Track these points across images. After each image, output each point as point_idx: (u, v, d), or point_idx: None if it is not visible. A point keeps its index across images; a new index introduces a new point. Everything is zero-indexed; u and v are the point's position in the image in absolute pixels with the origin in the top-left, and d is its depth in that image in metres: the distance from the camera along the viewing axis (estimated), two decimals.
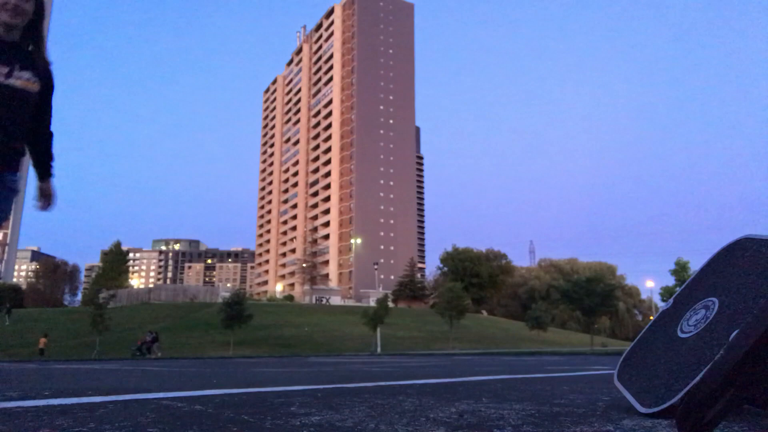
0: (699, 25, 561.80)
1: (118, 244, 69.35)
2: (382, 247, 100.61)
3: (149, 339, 31.43)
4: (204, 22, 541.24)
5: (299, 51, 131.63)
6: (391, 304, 46.42)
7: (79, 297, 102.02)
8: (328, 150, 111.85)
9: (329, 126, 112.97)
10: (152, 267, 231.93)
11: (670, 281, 41.32)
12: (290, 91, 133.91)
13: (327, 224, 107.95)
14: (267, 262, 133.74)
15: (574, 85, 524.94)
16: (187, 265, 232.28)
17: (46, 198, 2.60)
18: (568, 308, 61.26)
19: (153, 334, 31.90)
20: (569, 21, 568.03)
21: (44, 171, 2.63)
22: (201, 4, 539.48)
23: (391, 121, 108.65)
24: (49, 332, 35.52)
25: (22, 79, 2.45)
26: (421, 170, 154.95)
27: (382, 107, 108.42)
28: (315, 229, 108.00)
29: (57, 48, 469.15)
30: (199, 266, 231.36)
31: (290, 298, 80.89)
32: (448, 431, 0.85)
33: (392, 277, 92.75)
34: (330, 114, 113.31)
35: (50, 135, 2.66)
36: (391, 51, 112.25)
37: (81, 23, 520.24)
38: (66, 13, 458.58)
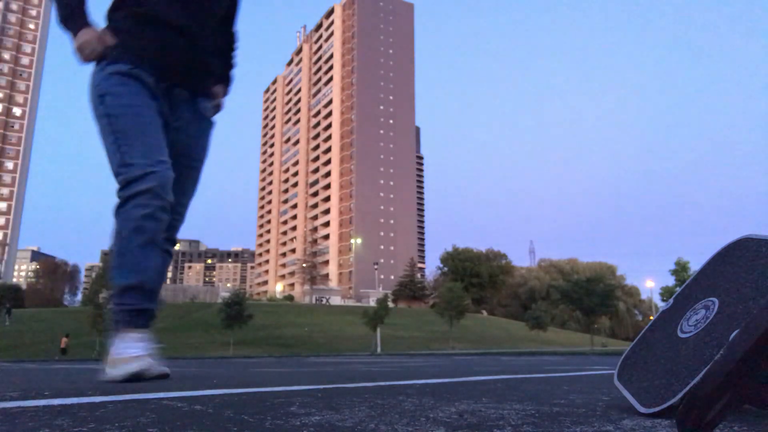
0: (699, 26, 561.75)
1: None
2: (382, 247, 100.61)
3: None
4: None
5: (299, 51, 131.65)
6: (391, 304, 46.43)
7: (79, 297, 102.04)
8: (328, 150, 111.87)
9: (329, 126, 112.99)
10: None
11: (670, 281, 41.32)
12: (290, 91, 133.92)
13: (327, 224, 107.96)
14: (267, 262, 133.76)
15: (574, 85, 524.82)
16: (187, 265, 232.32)
17: (216, 109, 2.18)
18: (568, 308, 61.26)
19: None
20: (569, 21, 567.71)
21: (226, 88, 2.22)
22: None
23: (391, 121, 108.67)
24: (49, 332, 35.57)
25: None
26: (421, 170, 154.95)
27: (382, 107, 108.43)
28: (315, 229, 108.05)
29: (57, 48, 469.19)
30: (199, 266, 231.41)
31: (290, 298, 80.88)
32: (448, 431, 0.86)
33: (392, 277, 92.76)
34: (330, 114, 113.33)
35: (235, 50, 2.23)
36: (391, 51, 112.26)
37: None
38: None
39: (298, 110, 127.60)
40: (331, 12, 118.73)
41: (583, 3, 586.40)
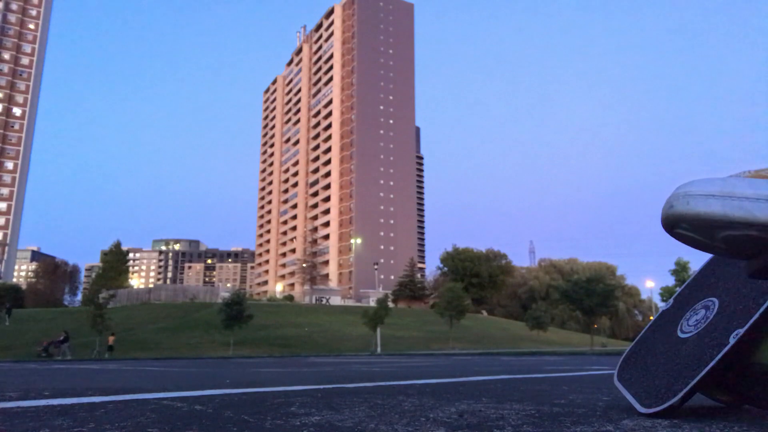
0: (699, 27, 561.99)
1: (118, 244, 69.30)
2: (382, 247, 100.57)
3: (60, 339, 31.15)
4: (204, 22, 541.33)
5: (299, 51, 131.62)
6: (391, 304, 46.41)
7: (79, 297, 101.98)
8: (328, 150, 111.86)
9: (329, 126, 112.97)
10: (152, 267, 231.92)
11: (670, 281, 41.28)
12: (290, 91, 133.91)
13: (327, 224, 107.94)
14: (267, 262, 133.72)
15: (574, 84, 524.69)
16: (187, 265, 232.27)
17: None
18: (568, 308, 61.25)
19: (64, 334, 31.69)
20: (570, 21, 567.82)
21: None
22: (201, 4, 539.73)
23: (391, 121, 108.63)
24: (48, 332, 35.65)
25: None
26: (421, 170, 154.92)
27: (382, 107, 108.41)
28: (315, 229, 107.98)
29: (57, 47, 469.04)
30: (199, 266, 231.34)
31: (290, 298, 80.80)
32: (448, 431, 0.86)
33: (392, 277, 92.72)
34: (330, 114, 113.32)
35: None
36: (391, 51, 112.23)
37: (82, 22, 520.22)
38: (67, 12, 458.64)
39: (298, 110, 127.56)
40: (331, 12, 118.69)
41: (585, 2, 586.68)
